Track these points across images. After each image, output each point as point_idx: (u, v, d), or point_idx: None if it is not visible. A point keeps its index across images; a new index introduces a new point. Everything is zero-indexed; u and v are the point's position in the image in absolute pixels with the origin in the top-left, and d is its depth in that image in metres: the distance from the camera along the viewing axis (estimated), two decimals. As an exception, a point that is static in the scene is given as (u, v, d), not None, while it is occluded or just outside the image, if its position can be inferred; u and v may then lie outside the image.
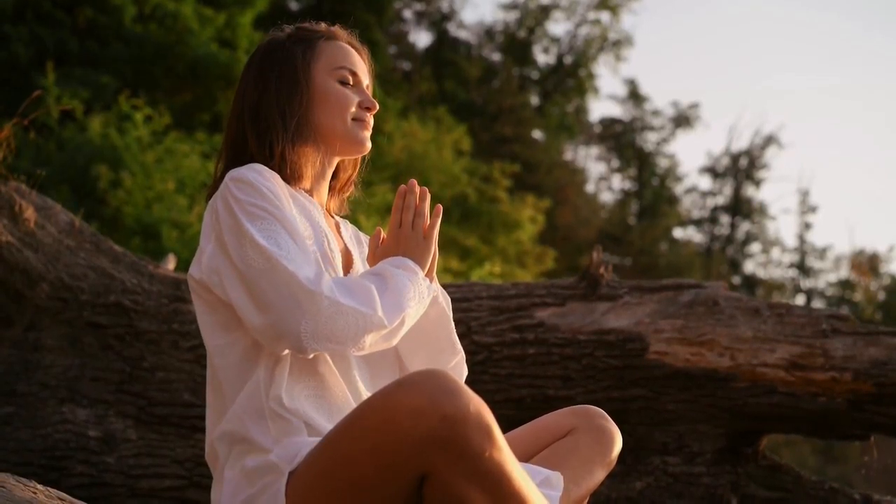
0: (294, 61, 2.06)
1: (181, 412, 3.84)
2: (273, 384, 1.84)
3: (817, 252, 27.68)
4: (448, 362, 2.11)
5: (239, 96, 2.10)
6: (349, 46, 2.13)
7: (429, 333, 2.08)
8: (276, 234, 1.83)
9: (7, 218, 3.86)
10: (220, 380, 1.90)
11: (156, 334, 3.90)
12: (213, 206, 1.91)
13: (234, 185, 1.88)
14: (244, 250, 1.81)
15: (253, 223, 1.83)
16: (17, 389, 3.84)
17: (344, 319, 1.79)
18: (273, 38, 2.12)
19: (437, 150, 16.04)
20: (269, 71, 2.06)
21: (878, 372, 3.61)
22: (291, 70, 2.05)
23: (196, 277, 1.91)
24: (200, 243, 1.93)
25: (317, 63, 2.07)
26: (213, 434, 1.91)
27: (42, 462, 3.74)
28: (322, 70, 2.07)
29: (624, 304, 3.91)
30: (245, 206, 1.85)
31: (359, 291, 1.83)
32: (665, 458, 3.82)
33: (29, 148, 9.94)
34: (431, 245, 2.01)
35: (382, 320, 1.83)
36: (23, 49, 12.07)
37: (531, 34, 25.82)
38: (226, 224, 1.86)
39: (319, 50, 2.09)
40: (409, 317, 1.90)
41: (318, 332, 1.77)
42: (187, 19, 12.95)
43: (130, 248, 8.84)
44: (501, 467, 1.62)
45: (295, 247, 1.84)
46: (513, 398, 3.87)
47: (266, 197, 1.87)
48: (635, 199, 28.47)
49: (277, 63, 2.06)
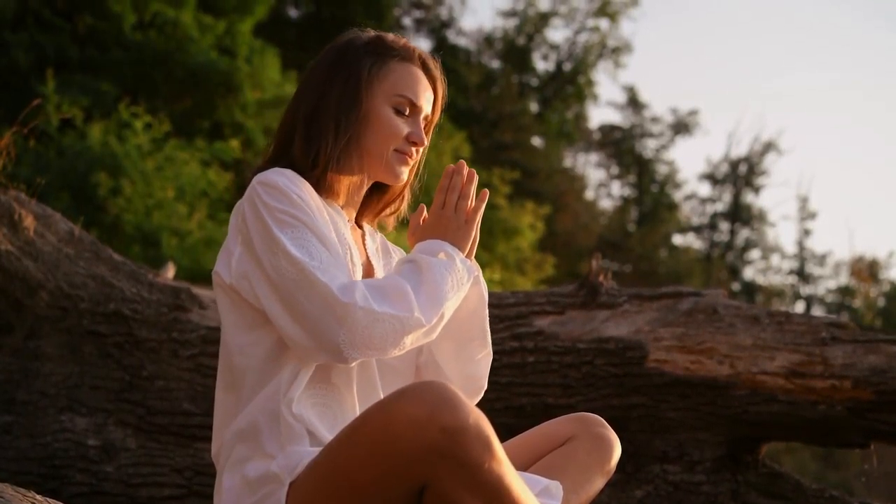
0: (360, 74, 2.00)
1: (181, 421, 3.84)
2: (291, 387, 1.84)
3: (817, 258, 27.68)
4: (476, 353, 2.09)
5: (300, 93, 2.04)
6: (420, 73, 2.08)
7: (461, 323, 2.05)
8: (308, 242, 1.82)
9: (7, 226, 3.86)
10: (238, 378, 1.89)
11: (155, 343, 3.90)
12: (240, 209, 1.90)
13: (263, 190, 1.87)
14: (277, 260, 1.80)
15: (284, 231, 1.82)
16: (17, 398, 3.84)
17: (381, 327, 1.77)
18: (350, 40, 2.06)
19: (437, 157, 16.04)
20: (334, 76, 2.01)
21: (878, 379, 3.60)
22: (356, 83, 2.00)
23: (225, 280, 1.90)
24: (227, 243, 1.91)
25: (381, 83, 2.01)
26: (226, 432, 1.89)
27: (41, 471, 3.74)
28: (383, 92, 2.01)
29: (623, 312, 3.91)
30: (275, 213, 1.84)
31: (393, 294, 1.81)
32: (665, 466, 3.81)
33: (29, 155, 9.93)
34: (472, 229, 1.98)
35: (420, 320, 1.81)
36: (22, 56, 12.07)
37: (530, 41, 25.84)
38: (255, 230, 1.84)
39: (388, 69, 2.03)
40: (449, 308, 1.88)
41: (356, 342, 1.76)
42: (187, 27, 12.95)
43: (130, 255, 8.85)
44: (501, 479, 1.62)
45: (327, 255, 1.82)
46: (513, 406, 3.86)
47: (296, 203, 1.85)
48: (635, 206, 28.47)
49: (345, 70, 2.01)
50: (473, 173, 2.00)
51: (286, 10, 19.04)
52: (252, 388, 1.87)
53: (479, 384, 2.13)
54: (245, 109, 13.32)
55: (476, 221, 1.98)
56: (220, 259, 1.92)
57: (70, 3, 13.19)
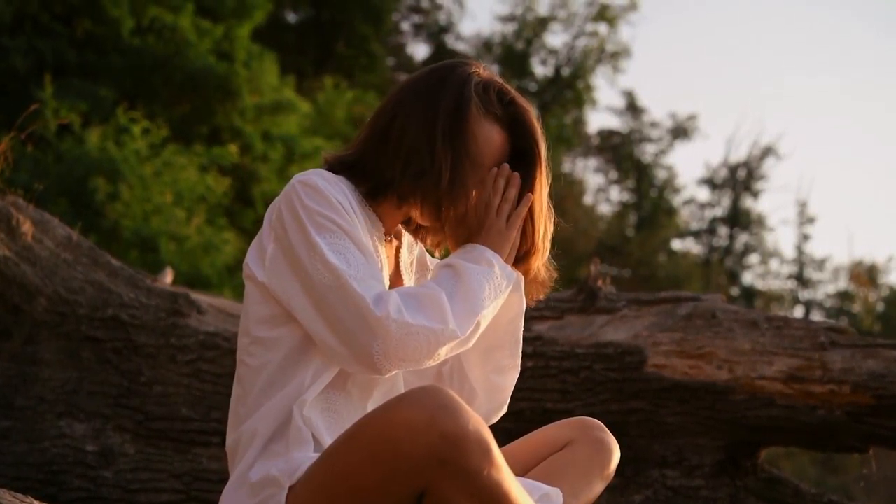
0: (463, 114, 1.93)
1: (179, 426, 3.83)
2: (309, 389, 1.83)
3: (816, 263, 27.70)
4: (504, 362, 2.04)
5: (403, 103, 1.97)
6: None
7: (495, 330, 2.00)
8: (346, 249, 1.80)
9: (4, 232, 3.86)
10: (257, 373, 1.88)
11: (153, 348, 3.89)
12: (277, 206, 1.88)
13: (303, 190, 1.84)
14: (314, 265, 1.79)
15: (322, 236, 1.80)
16: (15, 403, 3.83)
17: (415, 340, 1.76)
18: (478, 74, 2.01)
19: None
20: (445, 106, 1.93)
21: (877, 384, 3.60)
22: (461, 121, 1.92)
23: (257, 275, 1.88)
24: (261, 238, 1.89)
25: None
26: (240, 428, 1.89)
27: (39, 476, 3.73)
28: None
29: (622, 317, 3.91)
30: (314, 216, 1.82)
31: (428, 304, 1.79)
32: (664, 471, 3.81)
33: (27, 160, 9.94)
34: (513, 233, 1.94)
35: (455, 332, 1.79)
36: (20, 60, 12.08)
37: (529, 46, 25.87)
38: (293, 231, 1.82)
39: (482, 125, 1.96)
40: (485, 318, 1.86)
41: (390, 354, 1.75)
42: (185, 31, 12.96)
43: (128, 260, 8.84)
44: (500, 485, 1.62)
45: (364, 263, 1.80)
46: (511, 411, 3.82)
47: (335, 208, 1.83)
48: (634, 211, 28.49)
49: (465, 107, 1.93)
50: (517, 177, 1.95)
51: (284, 14, 19.05)
52: (269, 385, 1.86)
53: (503, 397, 2.09)
54: (243, 114, 13.34)
55: (517, 226, 1.94)
56: (252, 252, 1.90)
57: (68, 8, 13.20)
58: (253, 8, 14.07)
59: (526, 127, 2.01)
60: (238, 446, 1.89)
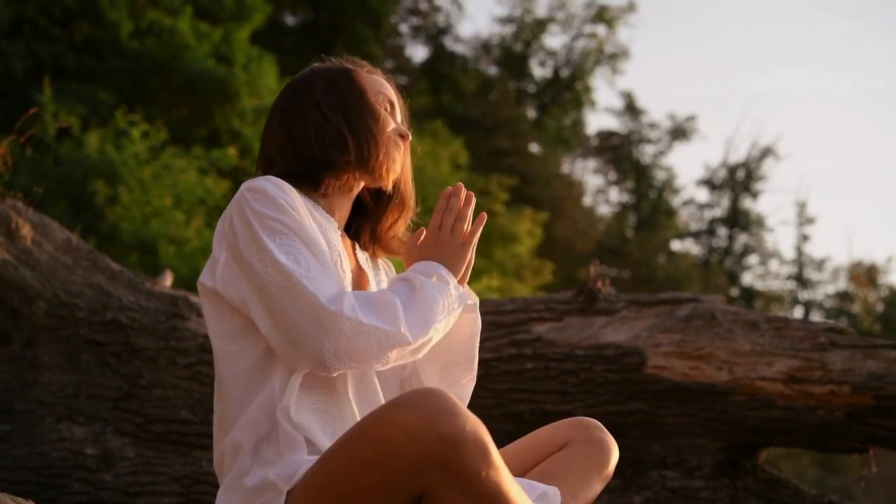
0: (357, 81, 2.07)
1: (179, 429, 3.83)
2: (284, 395, 1.83)
3: (815, 263, 27.73)
4: (461, 377, 2.09)
5: (288, 109, 2.06)
6: (387, 82, 2.15)
7: (451, 348, 2.06)
8: (296, 250, 1.82)
9: (4, 235, 3.86)
10: (228, 387, 1.89)
11: (153, 351, 3.89)
12: (227, 215, 1.89)
13: (252, 196, 1.86)
14: (265, 267, 1.80)
15: (272, 238, 1.82)
16: (15, 407, 3.83)
17: (366, 339, 1.77)
18: (318, 66, 2.13)
19: (435, 164, 16.07)
20: (329, 88, 2.06)
21: (877, 385, 3.60)
22: (359, 88, 2.06)
23: (209, 286, 1.89)
24: (213, 251, 1.91)
25: (364, 84, 2.08)
26: (223, 442, 1.89)
27: (39, 480, 3.73)
28: (371, 95, 2.08)
29: (622, 318, 3.91)
30: (264, 220, 1.83)
31: (382, 307, 1.81)
32: (664, 472, 3.81)
33: (26, 164, 9.93)
34: (468, 252, 1.98)
35: (406, 337, 1.81)
36: (19, 64, 12.09)
37: (528, 47, 25.90)
38: (243, 237, 1.84)
39: (363, 76, 2.10)
40: (438, 331, 1.88)
41: (340, 351, 1.76)
42: (184, 34, 12.96)
43: (128, 263, 8.84)
44: (498, 487, 1.62)
45: (316, 264, 1.82)
46: (511, 413, 3.86)
47: (285, 210, 1.85)
48: (633, 212, 28.52)
49: (344, 82, 2.07)
50: (472, 196, 2.00)
51: (283, 17, 19.06)
52: (242, 396, 1.87)
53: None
54: (242, 117, 13.33)
55: (472, 244, 1.99)
56: (206, 268, 1.92)
57: (67, 12, 13.20)
58: (251, 11, 14.08)
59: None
60: (224, 460, 1.90)
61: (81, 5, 13.10)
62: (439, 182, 15.79)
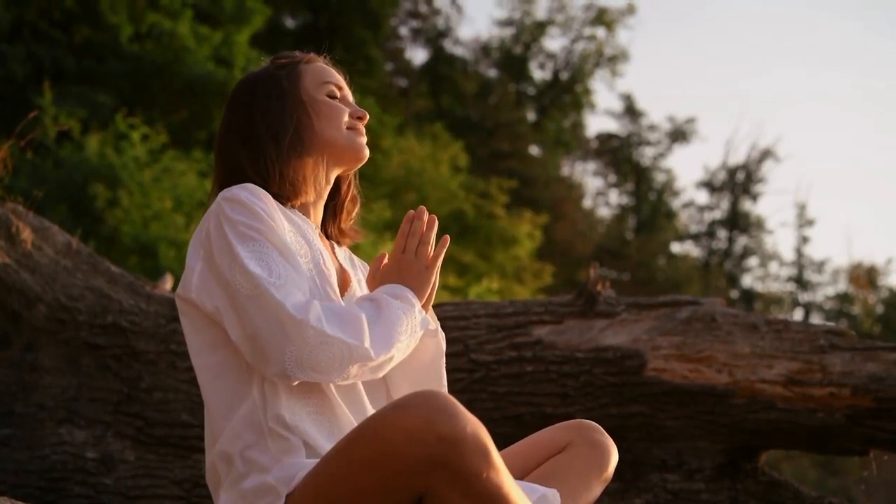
0: (280, 83, 2.06)
1: (179, 433, 3.83)
2: (272, 402, 1.83)
3: (815, 265, 27.74)
4: None
5: (228, 125, 2.08)
6: (328, 67, 2.15)
7: (418, 369, 2.07)
8: (268, 257, 1.82)
9: (4, 239, 3.86)
10: (211, 399, 1.89)
11: (153, 355, 3.89)
12: (204, 225, 1.90)
13: (227, 205, 1.86)
14: (234, 275, 1.80)
15: (244, 245, 1.82)
16: (15, 410, 3.83)
17: (329, 350, 1.77)
18: (253, 71, 2.14)
19: (434, 166, 16.07)
20: (256, 97, 2.05)
21: (877, 387, 3.60)
22: (279, 92, 2.05)
23: (184, 297, 1.90)
24: (188, 262, 1.91)
25: (302, 81, 2.08)
26: (212, 454, 1.90)
27: (40, 483, 3.73)
28: (309, 87, 2.08)
29: (621, 321, 3.91)
30: (237, 227, 1.84)
31: (348, 320, 1.81)
32: (664, 474, 3.81)
33: (26, 167, 9.95)
34: (432, 275, 1.99)
35: (368, 352, 1.80)
36: (19, 67, 12.09)
37: (527, 50, 25.90)
38: (217, 245, 1.84)
39: (302, 70, 2.10)
40: (400, 350, 1.88)
41: (302, 361, 1.76)
42: (184, 38, 12.97)
43: (127, 266, 8.85)
44: (499, 488, 1.62)
45: (286, 271, 1.82)
46: (511, 416, 3.86)
47: (259, 217, 1.85)
48: (633, 214, 28.52)
49: (264, 88, 2.06)
50: (434, 219, 2.01)
51: (283, 20, 19.06)
52: (225, 407, 1.87)
53: None
54: (242, 120, 13.31)
55: (436, 267, 2.00)
56: (182, 280, 1.92)
57: (67, 15, 13.21)
58: (251, 13, 14.09)
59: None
60: (215, 470, 1.90)
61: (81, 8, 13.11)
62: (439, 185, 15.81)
